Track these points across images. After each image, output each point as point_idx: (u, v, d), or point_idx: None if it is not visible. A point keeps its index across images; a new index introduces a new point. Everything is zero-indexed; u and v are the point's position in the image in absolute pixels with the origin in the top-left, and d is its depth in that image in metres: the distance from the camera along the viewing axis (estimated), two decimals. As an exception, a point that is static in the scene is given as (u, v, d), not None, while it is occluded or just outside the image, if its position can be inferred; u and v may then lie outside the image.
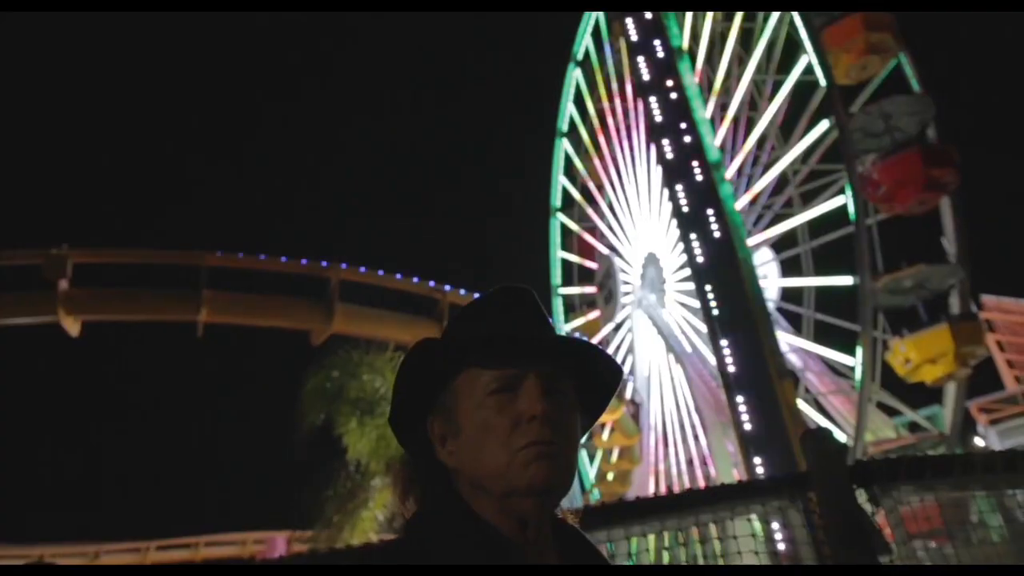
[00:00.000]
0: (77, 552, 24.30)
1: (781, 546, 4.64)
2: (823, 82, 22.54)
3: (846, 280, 22.37)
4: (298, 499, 16.26)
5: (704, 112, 23.79)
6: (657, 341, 29.38)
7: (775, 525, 4.25)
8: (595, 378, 1.48)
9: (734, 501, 3.72)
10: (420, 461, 1.43)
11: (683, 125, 21.89)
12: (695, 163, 21.38)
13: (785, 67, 25.22)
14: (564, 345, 1.44)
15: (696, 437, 26.65)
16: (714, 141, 23.62)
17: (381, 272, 18.10)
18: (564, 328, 34.46)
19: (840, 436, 22.92)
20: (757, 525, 4.06)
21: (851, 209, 21.47)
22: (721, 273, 19.54)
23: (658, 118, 22.63)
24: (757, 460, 17.10)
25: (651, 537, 3.75)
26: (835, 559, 3.55)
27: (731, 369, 18.34)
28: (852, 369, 22.55)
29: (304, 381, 15.50)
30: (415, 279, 18.56)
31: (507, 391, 1.36)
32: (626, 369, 29.83)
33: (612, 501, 3.50)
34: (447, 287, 18.56)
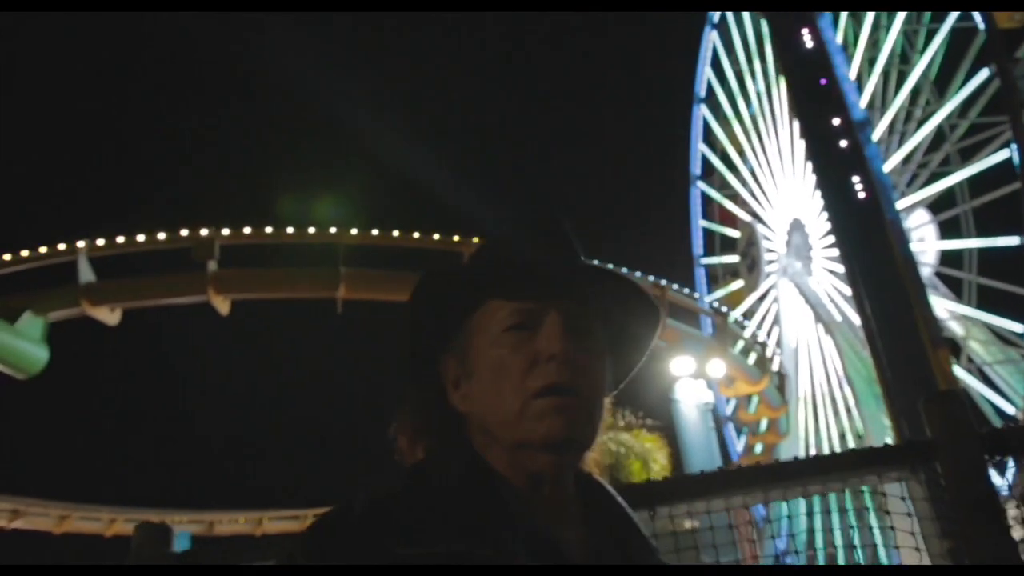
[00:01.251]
0: (243, 518, 25.88)
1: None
2: (982, 27, 20.85)
3: (1012, 240, 20.74)
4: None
5: (848, 69, 22.51)
6: (804, 310, 28.34)
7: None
8: (630, 319, 1.31)
9: (845, 472, 3.43)
10: (431, 407, 1.28)
11: (824, 82, 20.73)
12: (837, 123, 20.22)
13: (939, 14, 23.54)
14: (592, 277, 1.27)
15: (848, 409, 25.67)
16: (860, 99, 22.35)
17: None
18: (706, 299, 33.82)
19: (1010, 409, 21.49)
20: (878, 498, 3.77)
21: (1016, 163, 19.83)
22: (867, 238, 18.48)
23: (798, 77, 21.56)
24: (911, 433, 16.17)
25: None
26: (964, 537, 3.23)
27: (880, 339, 17.34)
28: (1021, 337, 21.02)
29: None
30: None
31: (525, 328, 1.20)
32: (772, 340, 28.97)
33: (709, 472, 3.29)
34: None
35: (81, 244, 15.43)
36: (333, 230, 16.88)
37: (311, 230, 17.13)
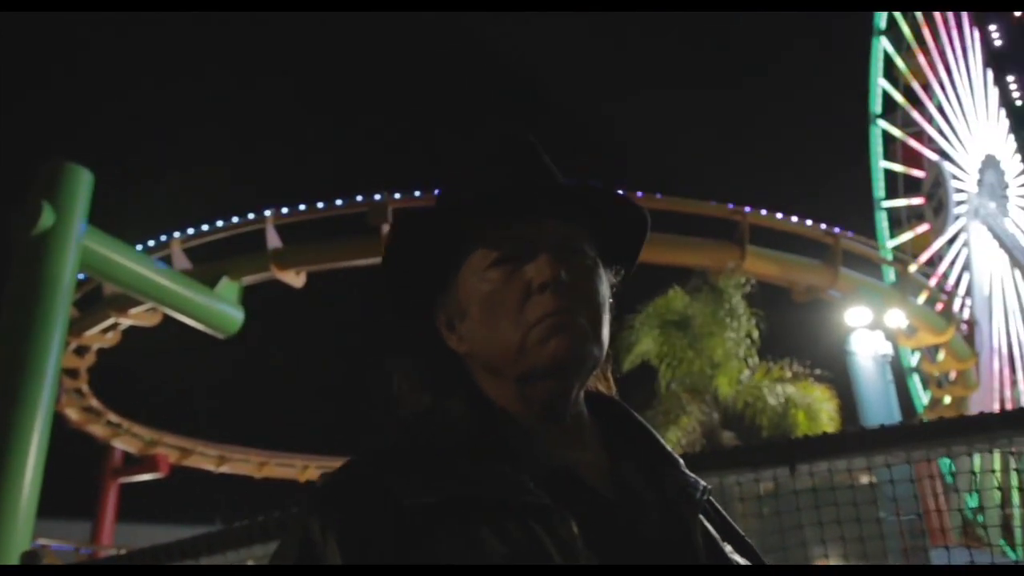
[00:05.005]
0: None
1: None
2: None
3: None
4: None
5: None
6: (998, 254, 26.39)
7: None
8: (619, 229, 1.23)
9: (995, 432, 3.30)
10: (429, 352, 1.22)
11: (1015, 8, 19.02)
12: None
13: None
14: (575, 193, 1.19)
15: (1049, 360, 23.86)
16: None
17: (675, 197, 17.96)
18: (888, 245, 32.08)
19: None
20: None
21: None
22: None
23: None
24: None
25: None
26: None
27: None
28: None
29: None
30: (712, 202, 18.10)
31: (512, 258, 1.12)
32: (962, 287, 27.19)
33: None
34: (747, 208, 17.89)
35: (268, 213, 16.64)
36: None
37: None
